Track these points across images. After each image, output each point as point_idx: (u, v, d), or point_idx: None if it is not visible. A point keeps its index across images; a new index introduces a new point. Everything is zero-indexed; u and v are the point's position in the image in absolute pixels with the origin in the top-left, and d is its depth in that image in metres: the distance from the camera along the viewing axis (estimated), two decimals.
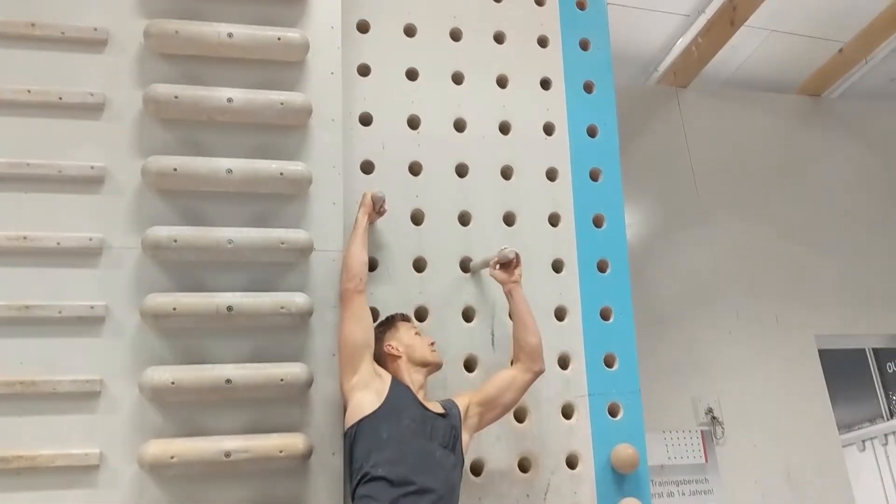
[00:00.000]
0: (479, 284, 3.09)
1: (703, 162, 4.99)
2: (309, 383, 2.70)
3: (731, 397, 4.44)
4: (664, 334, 4.44)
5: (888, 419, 7.14)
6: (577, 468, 2.99)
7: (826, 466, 4.47)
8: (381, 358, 2.71)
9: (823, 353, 4.77)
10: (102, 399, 2.59)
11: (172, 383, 2.55)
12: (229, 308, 2.63)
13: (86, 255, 2.68)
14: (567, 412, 3.05)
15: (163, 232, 2.66)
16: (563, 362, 3.11)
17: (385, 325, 2.80)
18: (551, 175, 3.31)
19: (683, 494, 4.19)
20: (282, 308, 2.69)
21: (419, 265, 3.07)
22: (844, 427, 6.89)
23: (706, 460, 4.27)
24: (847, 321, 4.88)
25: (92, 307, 2.63)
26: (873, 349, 7.30)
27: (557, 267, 3.21)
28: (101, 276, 2.68)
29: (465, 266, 3.11)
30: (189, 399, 2.60)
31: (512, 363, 2.86)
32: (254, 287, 2.75)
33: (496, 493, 2.86)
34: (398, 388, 2.62)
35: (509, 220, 3.21)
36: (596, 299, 3.21)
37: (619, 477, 3.01)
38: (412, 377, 2.69)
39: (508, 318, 3.06)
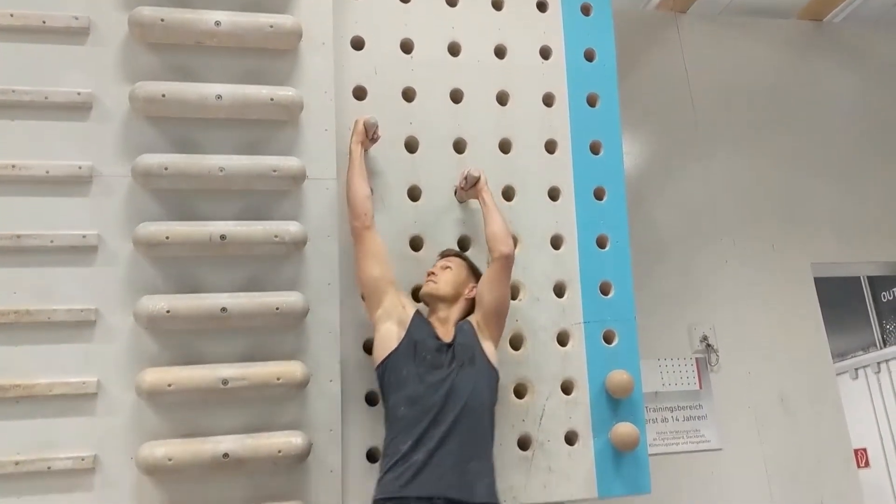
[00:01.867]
0: (474, 214, 3.06)
1: (702, 89, 4.91)
2: (305, 312, 2.70)
3: (726, 325, 4.46)
4: (660, 263, 4.44)
5: (881, 347, 7.21)
6: (573, 394, 3.02)
7: (819, 393, 4.52)
8: None
9: (819, 282, 4.78)
10: (98, 328, 2.59)
11: (168, 312, 2.54)
12: (222, 237, 2.61)
13: (76, 183, 2.65)
14: (562, 339, 3.07)
15: (153, 160, 2.62)
16: (559, 290, 3.10)
17: None
18: (548, 100, 3.25)
19: (677, 420, 4.24)
20: (275, 237, 2.67)
21: (414, 194, 3.04)
22: (838, 355, 6.96)
23: (700, 387, 4.32)
24: (843, 249, 4.87)
25: (84, 236, 2.62)
26: (868, 278, 7.34)
27: (554, 195, 3.18)
28: (91, 204, 2.65)
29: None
30: (185, 328, 2.60)
31: None
32: (247, 216, 2.73)
33: None
34: (418, 322, 2.69)
35: (505, 147, 3.17)
36: (593, 227, 3.19)
37: (614, 402, 3.04)
38: (430, 313, 2.78)
39: None
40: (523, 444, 2.92)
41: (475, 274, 2.85)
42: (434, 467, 2.41)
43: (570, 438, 2.98)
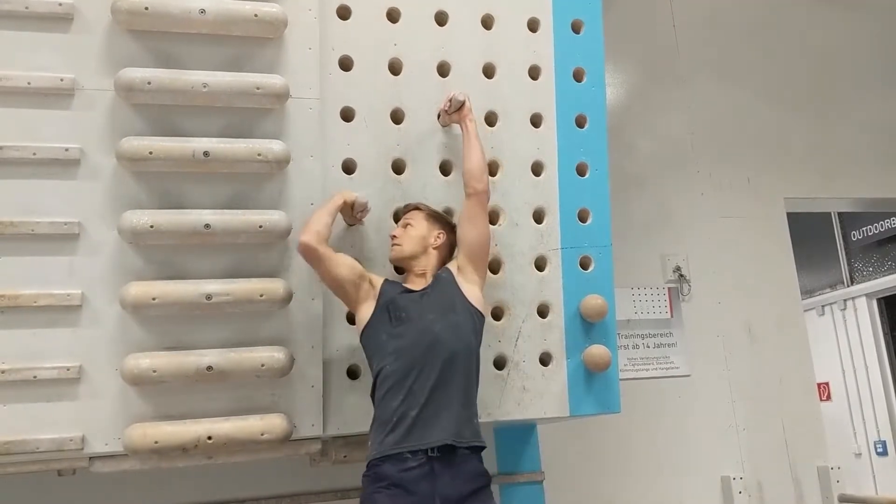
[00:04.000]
0: (458, 138, 3.07)
1: (685, 19, 4.90)
2: (288, 231, 2.73)
3: (699, 256, 4.55)
4: (637, 194, 4.49)
5: (848, 286, 7.38)
6: (548, 317, 3.10)
7: (786, 324, 4.65)
8: None
9: (791, 219, 4.87)
10: (81, 241, 2.61)
11: (151, 227, 2.57)
12: (206, 153, 2.62)
13: (58, 95, 2.63)
14: (540, 264, 3.13)
15: (136, 74, 2.61)
16: (538, 216, 3.16)
17: None
18: (532, 26, 3.24)
19: (648, 347, 4.36)
20: (258, 155, 2.69)
21: (397, 116, 3.04)
22: (806, 292, 7.11)
23: (671, 315, 4.43)
24: (817, 185, 4.95)
25: (66, 149, 2.61)
26: (839, 217, 7.47)
27: (536, 121, 3.20)
28: (74, 117, 2.64)
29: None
30: (169, 243, 2.63)
31: None
32: (229, 133, 2.74)
33: None
34: (387, 288, 2.70)
35: (489, 71, 3.17)
36: (573, 154, 3.22)
37: (588, 325, 3.13)
38: (407, 274, 2.79)
39: None
40: (499, 363, 3.01)
41: (439, 221, 2.84)
42: (427, 419, 2.44)
43: (545, 359, 3.07)
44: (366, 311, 2.66)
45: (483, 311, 2.73)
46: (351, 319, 2.82)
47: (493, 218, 3.09)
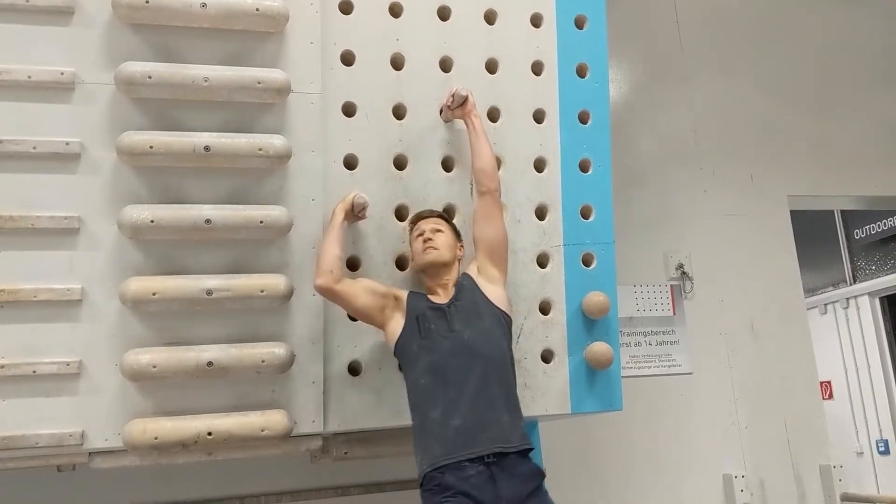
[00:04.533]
0: (460, 134, 3.06)
1: (688, 15, 4.88)
2: (289, 226, 2.72)
3: (702, 253, 4.53)
4: (640, 190, 4.47)
5: (851, 284, 7.36)
6: (550, 314, 3.08)
7: (789, 322, 4.63)
8: None
9: (794, 217, 4.85)
10: (82, 236, 2.60)
11: (152, 222, 2.55)
12: (206, 148, 2.61)
13: (58, 89, 2.61)
14: (542, 261, 3.12)
15: (136, 68, 2.60)
16: (541, 213, 3.14)
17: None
18: (536, 21, 3.22)
19: (650, 344, 4.34)
20: (259, 150, 2.67)
21: (399, 112, 3.03)
22: (808, 291, 7.10)
23: (674, 313, 4.41)
24: (820, 182, 4.93)
25: (67, 143, 2.60)
26: (842, 216, 7.44)
27: (539, 117, 3.18)
28: (74, 111, 2.63)
29: None
30: (169, 238, 2.62)
31: None
32: (230, 128, 2.72)
33: None
34: (413, 301, 2.70)
35: (491, 67, 3.15)
36: (575, 151, 3.20)
37: (590, 323, 3.11)
38: (426, 282, 2.77)
39: None
40: None
41: (458, 234, 2.86)
42: (471, 429, 2.45)
43: (546, 356, 3.05)
44: (395, 326, 2.67)
45: (509, 311, 2.74)
46: (351, 265, 2.85)
47: None
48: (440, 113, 3.03)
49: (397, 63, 3.04)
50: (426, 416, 2.51)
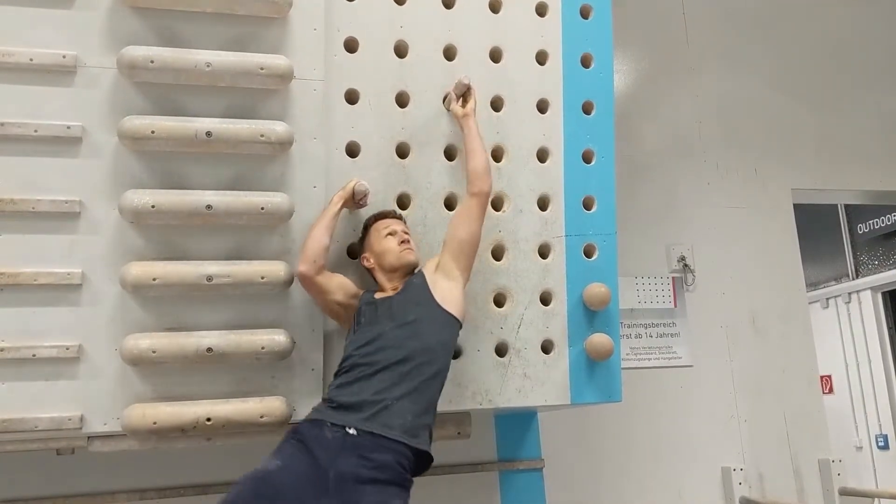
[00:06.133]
0: None
1: (695, 6, 4.85)
2: (290, 213, 2.71)
3: (704, 246, 4.52)
4: (643, 182, 4.46)
5: (853, 279, 7.35)
6: (550, 305, 3.08)
7: (790, 316, 4.62)
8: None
9: (797, 211, 4.84)
10: (82, 220, 2.60)
11: (153, 207, 2.55)
12: (208, 133, 2.60)
13: (60, 72, 2.60)
14: (544, 251, 3.11)
15: (139, 52, 2.58)
16: (543, 203, 3.13)
17: (363, 235, 2.78)
18: (541, 10, 3.20)
19: (651, 336, 4.34)
20: (261, 136, 2.66)
21: (402, 100, 3.02)
22: (810, 285, 7.08)
23: (675, 305, 4.40)
24: (824, 176, 4.91)
25: (68, 127, 2.59)
26: (846, 210, 7.43)
27: (542, 107, 3.17)
28: (76, 95, 2.62)
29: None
30: (170, 223, 2.61)
31: None
32: (232, 114, 2.71)
33: (472, 325, 2.94)
34: (362, 298, 2.67)
35: (495, 56, 3.14)
36: (579, 141, 3.19)
37: (591, 314, 3.11)
38: (385, 282, 2.70)
39: (491, 158, 3.05)
40: (500, 350, 2.99)
41: None
42: (359, 404, 2.36)
43: (547, 347, 3.05)
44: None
45: (458, 313, 2.62)
46: (350, 252, 2.86)
47: (497, 204, 3.07)
48: (444, 100, 3.01)
49: (401, 51, 3.02)
50: (333, 388, 2.46)
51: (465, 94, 2.90)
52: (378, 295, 2.67)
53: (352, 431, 2.31)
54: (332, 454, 2.29)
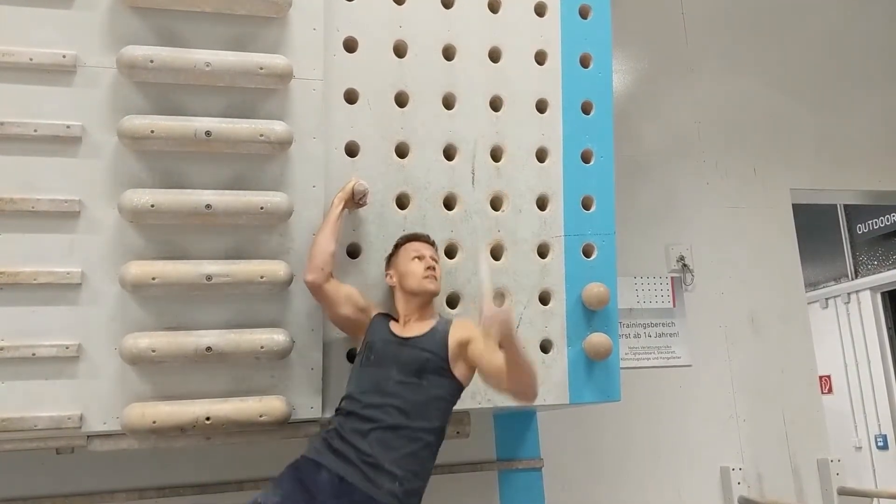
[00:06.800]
0: (462, 122, 3.05)
1: (694, 6, 4.86)
2: (289, 213, 2.71)
3: (703, 246, 4.52)
4: (642, 182, 4.47)
5: (852, 279, 7.35)
6: (549, 304, 3.08)
7: (789, 316, 4.62)
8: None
9: (797, 211, 4.84)
10: (82, 219, 2.60)
11: (152, 206, 2.55)
12: (207, 133, 2.60)
13: (60, 72, 2.61)
14: (542, 251, 3.11)
15: (139, 52, 2.59)
16: (542, 203, 3.13)
17: (393, 251, 2.79)
18: (540, 10, 3.20)
19: (650, 336, 4.34)
20: (261, 135, 2.67)
21: (401, 99, 3.02)
22: (809, 285, 7.09)
23: (674, 305, 4.41)
24: (823, 176, 4.91)
25: (68, 126, 2.59)
26: (845, 210, 7.43)
27: (541, 107, 3.17)
28: (75, 95, 2.62)
29: (447, 103, 3.06)
30: (169, 223, 2.61)
31: None
32: (232, 113, 2.71)
33: None
34: (375, 324, 2.67)
35: (494, 55, 3.14)
36: (578, 141, 3.19)
37: (589, 313, 3.11)
38: (402, 306, 2.70)
39: (490, 158, 3.07)
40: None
41: None
42: (355, 460, 2.39)
43: (545, 346, 3.06)
44: (358, 341, 2.72)
45: (466, 381, 2.59)
46: (351, 252, 2.87)
47: (497, 204, 3.08)
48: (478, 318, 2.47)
49: (400, 50, 3.03)
50: (339, 424, 2.49)
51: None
52: (395, 329, 2.64)
53: (346, 478, 2.39)
54: (327, 497, 2.38)
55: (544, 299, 3.08)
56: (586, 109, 3.22)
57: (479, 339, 2.51)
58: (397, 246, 2.79)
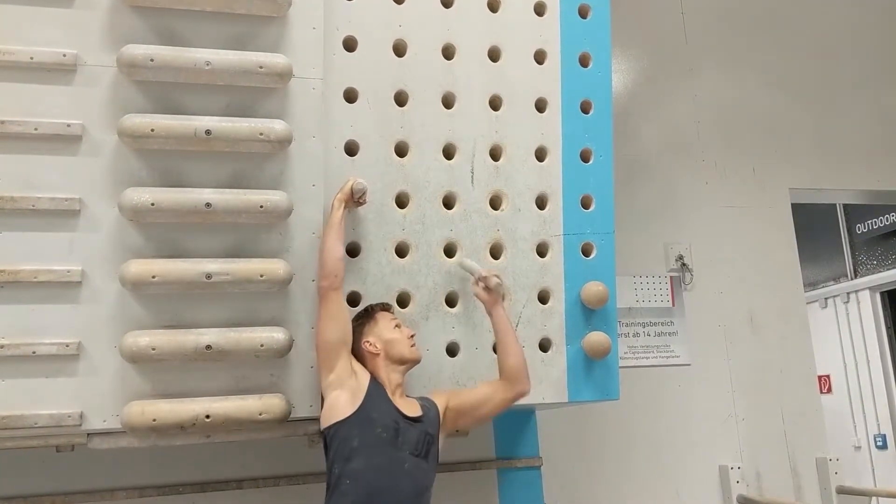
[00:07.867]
0: (461, 121, 3.06)
1: (694, 6, 4.86)
2: (289, 211, 2.72)
3: (702, 245, 4.53)
4: (641, 181, 4.47)
5: (852, 279, 7.36)
6: (548, 303, 3.09)
7: (788, 315, 4.63)
8: (360, 354, 2.67)
9: (796, 210, 4.85)
10: (82, 218, 2.60)
11: (152, 205, 2.56)
12: (207, 132, 2.60)
13: (60, 71, 2.61)
14: (542, 250, 3.12)
15: (139, 50, 2.59)
16: (541, 202, 3.14)
17: (364, 318, 2.73)
18: (539, 9, 3.21)
19: (649, 335, 4.35)
20: (260, 134, 2.67)
21: (401, 98, 3.03)
22: (809, 285, 7.10)
23: (673, 304, 4.42)
24: (822, 176, 4.92)
25: (68, 125, 2.59)
26: (844, 210, 7.44)
27: (541, 106, 3.18)
28: (76, 93, 2.62)
29: (447, 102, 3.06)
30: (169, 221, 2.62)
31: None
32: (231, 112, 2.72)
33: (470, 323, 2.96)
34: (375, 391, 2.60)
35: (494, 55, 3.15)
36: (577, 140, 3.20)
37: (588, 312, 3.12)
38: (389, 376, 2.66)
39: (489, 157, 3.08)
40: None
41: None
42: None
43: (544, 345, 3.06)
44: (339, 402, 2.56)
45: (441, 448, 2.68)
46: (351, 251, 2.84)
47: (496, 203, 3.08)
48: (475, 282, 2.87)
49: (399, 49, 3.03)
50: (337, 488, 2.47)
51: (486, 279, 2.82)
52: (398, 403, 2.61)
53: None
54: None
55: (543, 298, 3.09)
56: (585, 109, 3.23)
57: (453, 391, 2.79)
58: (372, 312, 2.74)
